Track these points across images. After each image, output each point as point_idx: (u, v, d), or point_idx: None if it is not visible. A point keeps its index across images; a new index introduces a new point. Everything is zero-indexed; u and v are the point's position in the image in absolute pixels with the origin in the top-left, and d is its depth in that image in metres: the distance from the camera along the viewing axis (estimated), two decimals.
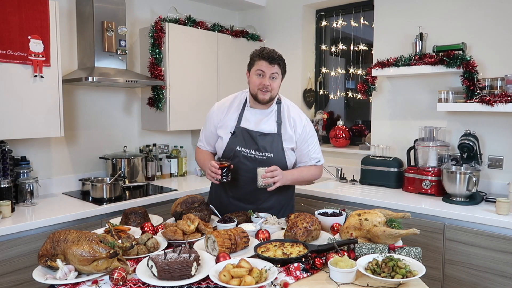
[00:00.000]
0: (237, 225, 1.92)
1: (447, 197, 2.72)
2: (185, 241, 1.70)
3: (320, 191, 3.03)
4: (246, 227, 1.86)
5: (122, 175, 3.12)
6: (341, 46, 3.88)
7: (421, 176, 2.92)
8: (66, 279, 1.41)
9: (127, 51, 3.09)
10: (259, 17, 4.15)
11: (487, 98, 2.58)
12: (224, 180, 2.07)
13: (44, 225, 2.32)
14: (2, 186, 2.44)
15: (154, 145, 3.54)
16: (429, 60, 2.84)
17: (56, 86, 2.62)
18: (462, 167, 2.66)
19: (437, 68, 2.82)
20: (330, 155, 3.71)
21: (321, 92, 4.04)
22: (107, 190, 2.78)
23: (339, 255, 1.53)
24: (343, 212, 2.07)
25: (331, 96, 4.00)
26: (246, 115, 2.16)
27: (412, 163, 3.08)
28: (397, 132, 3.29)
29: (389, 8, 3.26)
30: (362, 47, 3.74)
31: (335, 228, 1.94)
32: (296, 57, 3.91)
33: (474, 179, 2.59)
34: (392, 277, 1.40)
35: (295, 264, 1.52)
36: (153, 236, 1.73)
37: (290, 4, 3.91)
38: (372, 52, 3.39)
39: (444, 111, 2.99)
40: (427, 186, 2.88)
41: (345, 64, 3.92)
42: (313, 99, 4.03)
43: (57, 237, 1.54)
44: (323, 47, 4.01)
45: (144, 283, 1.41)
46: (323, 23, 3.95)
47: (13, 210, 2.44)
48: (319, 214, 2.04)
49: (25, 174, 2.68)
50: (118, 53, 3.01)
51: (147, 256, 1.55)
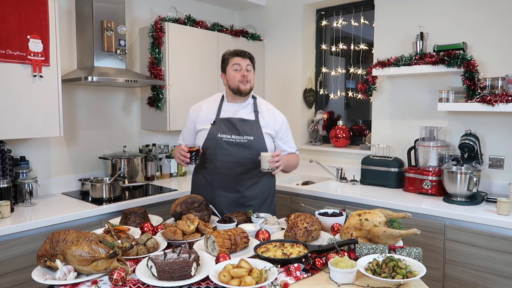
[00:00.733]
0: (237, 225, 1.92)
1: (448, 197, 2.71)
2: (185, 242, 1.70)
3: (320, 191, 3.03)
4: (246, 227, 1.86)
5: (122, 175, 3.12)
6: (342, 46, 3.87)
7: (422, 176, 2.91)
8: (66, 280, 1.41)
9: (127, 51, 3.08)
10: (259, 17, 4.14)
11: (488, 98, 2.57)
12: (193, 163, 2.22)
13: (44, 225, 2.31)
14: (1, 186, 2.43)
15: (154, 145, 3.54)
16: (430, 60, 2.83)
17: (56, 86, 2.61)
18: (463, 167, 2.65)
19: (438, 68, 2.82)
20: (330, 155, 3.70)
21: (321, 92, 4.04)
22: (107, 190, 2.77)
23: (340, 256, 1.53)
24: (343, 212, 2.07)
25: (331, 96, 4.00)
26: (225, 108, 2.33)
27: (413, 163, 3.07)
28: (398, 132, 3.28)
29: (390, 8, 3.25)
30: (363, 47, 3.73)
31: (335, 228, 1.94)
32: (296, 57, 3.90)
33: (475, 179, 2.58)
34: (393, 278, 1.40)
35: (295, 265, 1.52)
36: (153, 236, 1.73)
37: (290, 4, 3.90)
38: (373, 52, 3.39)
39: (445, 111, 2.98)
40: (428, 186, 2.87)
41: (346, 64, 3.92)
42: (313, 99, 4.02)
43: (57, 237, 1.54)
44: (323, 47, 4.00)
45: (144, 284, 1.41)
46: (323, 23, 3.95)
47: (12, 210, 2.44)
48: (319, 214, 2.04)
49: (24, 174, 2.67)
50: (118, 53, 3.00)
51: (147, 257, 1.54)
